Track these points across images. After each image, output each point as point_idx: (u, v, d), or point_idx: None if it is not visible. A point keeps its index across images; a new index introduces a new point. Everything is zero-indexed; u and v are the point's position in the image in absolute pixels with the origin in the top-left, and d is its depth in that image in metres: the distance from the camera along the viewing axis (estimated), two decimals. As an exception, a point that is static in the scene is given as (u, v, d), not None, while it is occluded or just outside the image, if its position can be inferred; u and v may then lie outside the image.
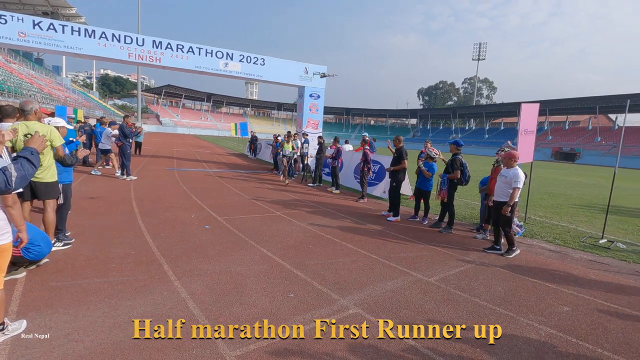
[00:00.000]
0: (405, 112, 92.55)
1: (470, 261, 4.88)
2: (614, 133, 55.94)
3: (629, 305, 3.75)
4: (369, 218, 7.17)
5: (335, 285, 3.77)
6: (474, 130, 76.32)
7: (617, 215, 8.85)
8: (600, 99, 53.86)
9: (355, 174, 11.15)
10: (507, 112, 69.03)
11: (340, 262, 4.48)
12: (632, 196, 13.41)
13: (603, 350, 2.86)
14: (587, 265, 5.00)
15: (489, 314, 3.36)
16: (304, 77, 15.07)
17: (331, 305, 3.31)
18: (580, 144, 56.34)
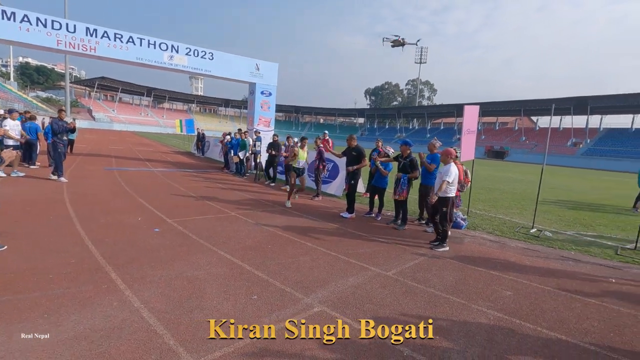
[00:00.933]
0: (354, 112, 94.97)
1: (423, 254, 5.16)
2: (535, 133, 62.54)
3: (558, 287, 4.22)
4: (325, 216, 7.24)
5: (297, 284, 3.75)
6: (417, 129, 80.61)
7: (543, 206, 9.92)
8: (524, 102, 59.86)
9: (309, 172, 11.19)
10: (446, 113, 73.87)
11: (301, 261, 4.47)
12: (553, 189, 15.11)
13: (542, 329, 3.19)
14: (522, 253, 5.54)
15: (444, 303, 3.58)
16: (255, 74, 14.75)
17: (296, 305, 3.29)
18: (509, 143, 62.14)
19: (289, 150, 10.30)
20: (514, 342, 2.94)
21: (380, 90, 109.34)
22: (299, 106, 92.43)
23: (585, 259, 5.41)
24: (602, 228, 7.71)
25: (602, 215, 9.49)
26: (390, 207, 7.77)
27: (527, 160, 51.44)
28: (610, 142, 51.91)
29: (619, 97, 49.47)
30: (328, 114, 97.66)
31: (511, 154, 57.74)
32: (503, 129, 70.12)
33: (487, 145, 62.05)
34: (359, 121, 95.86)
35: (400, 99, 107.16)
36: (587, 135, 55.04)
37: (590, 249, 5.93)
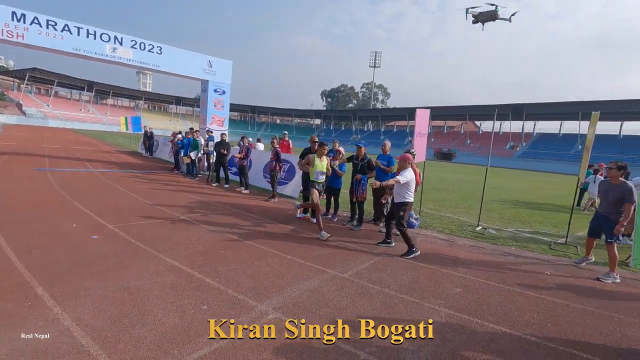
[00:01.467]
0: (310, 113, 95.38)
1: (379, 254, 5.22)
2: (479, 137, 67.12)
3: (502, 281, 4.47)
4: (281, 218, 7.10)
5: (251, 291, 3.59)
6: (372, 131, 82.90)
7: (487, 205, 10.59)
8: (469, 107, 63.99)
9: (265, 173, 10.96)
10: (399, 116, 76.79)
11: (256, 266, 4.31)
12: (495, 189, 16.24)
13: (489, 323, 3.34)
14: (470, 250, 5.83)
15: (399, 303, 3.62)
16: (208, 71, 14.18)
17: (249, 313, 3.14)
18: (455, 145, 66.02)
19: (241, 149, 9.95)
20: (464, 338, 3.04)
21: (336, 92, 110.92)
22: (255, 106, 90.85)
23: (524, 254, 5.82)
24: (538, 225, 8.38)
25: (538, 212, 10.35)
26: (345, 207, 7.81)
27: (472, 161, 54.96)
28: (542, 145, 57.14)
29: (549, 105, 54.84)
30: (285, 114, 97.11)
31: (458, 156, 61.36)
32: (450, 132, 74.32)
33: (436, 148, 65.37)
34: (316, 122, 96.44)
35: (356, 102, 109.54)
36: (522, 139, 60.11)
37: (528, 244, 6.39)
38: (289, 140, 11.78)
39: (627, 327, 3.49)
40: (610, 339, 3.24)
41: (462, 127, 72.55)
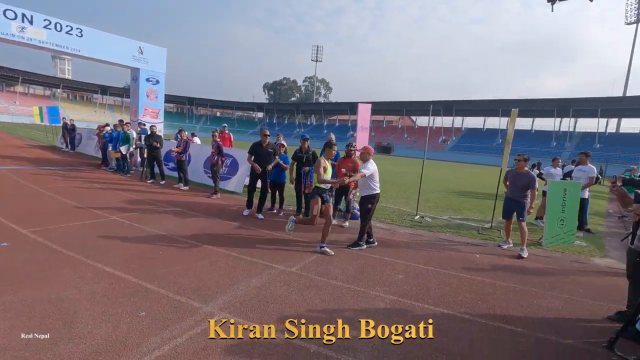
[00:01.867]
0: (252, 105, 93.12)
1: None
2: (415, 131, 71.30)
3: (439, 266, 4.81)
4: (225, 214, 6.85)
5: (195, 292, 3.41)
6: (315, 125, 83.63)
7: (424, 195, 11.29)
8: (405, 103, 67.58)
9: (205, 168, 10.47)
10: (341, 110, 78.39)
11: (199, 266, 4.10)
12: (430, 180, 17.41)
13: (429, 306, 3.57)
14: (410, 238, 6.18)
15: (346, 293, 3.71)
16: (139, 58, 13.06)
17: (193, 315, 2.98)
18: (394, 139, 69.39)
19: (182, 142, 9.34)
20: (407, 322, 3.20)
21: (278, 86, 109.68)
22: (193, 97, 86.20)
23: (457, 239, 6.33)
24: (467, 212, 9.16)
25: (467, 200, 11.31)
26: (291, 202, 7.78)
27: (409, 154, 58.23)
28: (469, 139, 62.47)
29: (475, 103, 60.17)
30: (225, 107, 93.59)
31: (396, 149, 64.58)
32: (389, 126, 77.85)
33: (376, 142, 68.08)
34: (258, 115, 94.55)
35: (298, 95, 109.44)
36: (453, 133, 65.13)
37: (459, 230, 6.95)
38: (230, 134, 11.36)
39: (541, 299, 3.97)
40: (529, 310, 3.66)
41: (399, 122, 76.34)
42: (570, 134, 53.75)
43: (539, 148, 48.89)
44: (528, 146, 49.57)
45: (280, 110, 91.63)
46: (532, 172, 5.85)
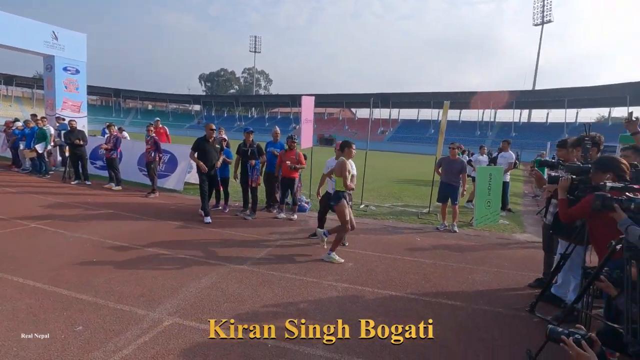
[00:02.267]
0: (188, 98, 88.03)
1: (275, 240, 5.26)
2: (355, 123, 73.37)
3: (385, 251, 5.07)
4: (166, 214, 6.45)
5: (139, 299, 3.19)
6: (256, 118, 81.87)
7: (367, 185, 11.73)
8: (345, 96, 69.15)
9: (140, 166, 9.73)
10: (283, 102, 77.61)
11: (141, 271, 3.83)
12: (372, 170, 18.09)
13: (378, 290, 3.76)
14: (357, 227, 6.37)
15: (299, 285, 3.74)
16: (53, 45, 11.57)
17: (139, 324, 2.79)
18: (335, 131, 70.67)
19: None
20: (359, 307, 3.35)
21: (216, 77, 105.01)
22: (120, 89, 78.99)
23: (399, 225, 6.70)
24: (408, 199, 9.73)
25: (406, 188, 12.00)
26: (236, 197, 7.58)
27: (350, 146, 59.87)
28: (405, 130, 66.01)
29: (409, 95, 63.65)
30: (158, 99, 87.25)
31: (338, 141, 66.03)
32: (330, 119, 79.09)
33: (319, 134, 68.86)
34: (195, 108, 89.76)
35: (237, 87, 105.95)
36: (390, 124, 68.27)
37: (401, 217, 7.37)
38: (165, 128, 10.65)
39: (475, 274, 4.39)
40: (465, 285, 4.03)
41: (340, 114, 77.92)
42: (491, 124, 59.44)
43: (465, 137, 53.36)
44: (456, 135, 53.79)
45: (218, 103, 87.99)
46: (462, 159, 6.48)
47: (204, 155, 6.16)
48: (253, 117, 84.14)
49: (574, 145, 3.51)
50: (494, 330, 3.10)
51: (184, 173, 9.12)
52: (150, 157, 8.00)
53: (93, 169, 10.26)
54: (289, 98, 72.85)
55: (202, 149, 6.18)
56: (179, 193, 8.60)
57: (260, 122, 77.00)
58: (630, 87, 44.07)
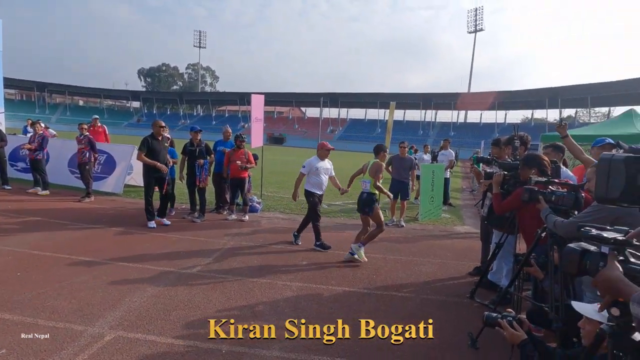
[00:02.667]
0: (126, 94, 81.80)
1: (226, 242, 5.11)
2: (305, 122, 73.70)
3: (337, 248, 5.14)
4: (103, 220, 5.95)
5: (75, 314, 2.91)
6: (202, 116, 78.67)
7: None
8: (295, 95, 69.17)
9: (71, 168, 8.86)
10: (230, 100, 75.42)
11: (76, 283, 3.50)
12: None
13: (332, 286, 3.82)
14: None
15: (253, 287, 3.68)
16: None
17: (76, 341, 2.55)
18: (285, 130, 70.45)
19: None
20: (315, 305, 3.38)
21: (157, 72, 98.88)
22: (45, 82, 71.09)
23: (351, 222, 6.88)
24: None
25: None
26: (182, 199, 7.23)
27: (301, 145, 60.00)
28: (354, 129, 67.74)
29: (357, 95, 65.54)
30: (91, 94, 79.96)
31: (288, 139, 65.79)
32: (280, 117, 78.60)
33: (268, 133, 68.10)
34: (134, 105, 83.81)
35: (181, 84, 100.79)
36: (339, 124, 69.62)
37: (352, 214, 7.55)
38: (104, 127, 9.84)
39: (421, 266, 4.65)
40: (413, 277, 4.26)
41: (290, 113, 77.78)
42: (433, 123, 63.24)
43: (409, 136, 56.19)
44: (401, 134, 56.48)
45: (160, 100, 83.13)
46: (410, 156, 6.86)
47: (154, 155, 5.61)
48: (199, 115, 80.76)
49: (506, 144, 3.86)
50: (440, 317, 3.30)
51: (124, 174, 8.48)
52: (84, 158, 7.32)
53: (14, 171, 9.13)
54: (237, 96, 71.02)
55: (153, 149, 5.62)
56: (119, 196, 7.99)
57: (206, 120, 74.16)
58: (547, 92, 49.63)
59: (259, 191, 8.62)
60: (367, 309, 3.34)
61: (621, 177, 0.92)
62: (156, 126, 5.89)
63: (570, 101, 50.67)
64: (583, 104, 51.66)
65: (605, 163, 0.96)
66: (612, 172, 0.94)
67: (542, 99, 50.99)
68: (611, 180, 0.94)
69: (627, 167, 0.92)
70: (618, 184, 0.92)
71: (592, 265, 1.11)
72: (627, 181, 0.91)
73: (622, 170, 0.92)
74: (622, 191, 0.92)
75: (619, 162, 0.94)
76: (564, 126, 3.78)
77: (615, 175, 0.93)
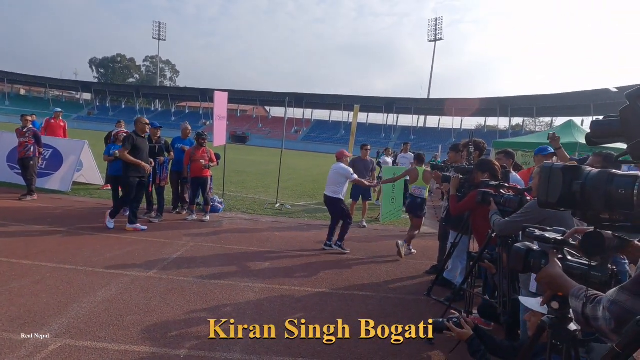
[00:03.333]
0: (76, 84, 76.10)
1: (185, 243, 4.94)
2: (269, 121, 72.93)
3: (301, 249, 5.17)
4: (47, 219, 5.50)
5: (15, 322, 2.67)
6: (161, 111, 75.22)
7: (282, 184, 11.78)
8: (260, 93, 68.25)
9: (10, 163, 8.11)
10: (191, 96, 72.83)
11: (16, 288, 3.21)
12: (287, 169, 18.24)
13: (295, 287, 3.82)
14: (272, 226, 6.39)
15: (214, 289, 3.59)
16: None
17: (16, 352, 2.34)
18: (249, 129, 69.27)
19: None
20: (278, 306, 3.37)
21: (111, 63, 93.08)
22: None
23: (314, 223, 6.91)
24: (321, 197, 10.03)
25: (320, 187, 12.36)
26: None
27: (265, 144, 59.35)
28: (318, 130, 68.12)
29: (322, 97, 65.92)
30: (34, 83, 73.54)
31: (251, 139, 64.77)
32: (244, 116, 77.17)
33: (231, 131, 66.53)
34: (85, 97, 78.27)
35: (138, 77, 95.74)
36: (304, 124, 69.68)
37: (315, 214, 7.61)
38: (65, 122, 9.13)
39: (382, 265, 4.79)
40: (374, 277, 4.37)
41: (254, 112, 76.64)
42: (394, 127, 65.22)
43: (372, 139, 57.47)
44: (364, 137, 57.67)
45: (115, 93, 78.30)
46: (370, 158, 7.07)
47: (138, 153, 5.27)
48: (157, 110, 77.15)
49: (463, 148, 4.08)
50: (399, 314, 3.43)
51: (72, 171, 7.90)
52: (27, 153, 6.73)
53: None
54: (198, 92, 68.85)
55: (136, 146, 5.26)
56: (66, 194, 7.43)
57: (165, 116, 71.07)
58: (498, 102, 53.08)
59: (221, 191, 8.42)
60: (330, 309, 3.39)
61: (559, 184, 1.02)
62: (141, 123, 5.46)
63: (518, 110, 54.59)
64: (530, 114, 55.89)
65: (547, 171, 1.06)
66: (552, 179, 1.03)
67: (494, 108, 54.39)
68: (551, 186, 1.04)
69: (565, 175, 1.02)
70: (557, 190, 1.02)
71: (535, 263, 1.21)
72: (563, 188, 1.01)
73: (560, 178, 1.02)
74: (559, 197, 1.02)
75: (558, 170, 1.04)
76: (556, 139, 3.69)
77: (555, 182, 1.03)
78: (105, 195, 7.37)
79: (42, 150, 7.15)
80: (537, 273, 1.21)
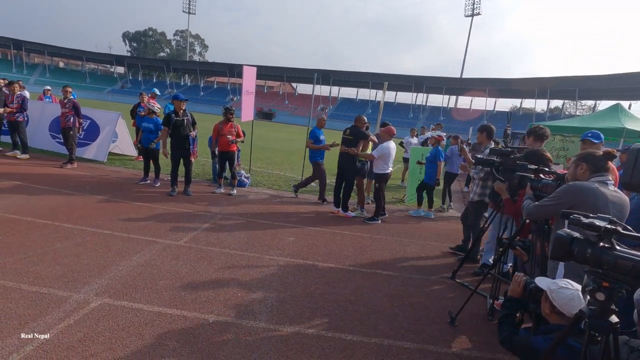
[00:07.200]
0: (110, 58, 78.24)
1: (213, 215, 5.09)
2: (295, 98, 72.50)
3: (325, 226, 5.21)
4: (87, 187, 5.82)
5: (59, 280, 2.88)
6: (190, 86, 76.36)
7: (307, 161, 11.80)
8: (286, 69, 67.60)
9: (52, 132, 8.55)
10: (219, 71, 73.19)
11: (60, 249, 3.45)
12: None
13: (318, 262, 3.88)
14: (297, 202, 6.46)
15: (240, 260, 3.71)
16: None
17: (61, 306, 2.54)
18: (275, 105, 69.27)
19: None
20: (301, 280, 3.44)
21: (143, 37, 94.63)
22: (22, 40, 67.19)
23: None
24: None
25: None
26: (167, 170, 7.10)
27: (290, 121, 59.36)
28: (344, 108, 67.15)
29: (349, 74, 64.44)
30: (72, 56, 76.16)
31: (277, 115, 64.86)
32: (270, 92, 77.08)
33: (258, 107, 66.86)
34: (119, 70, 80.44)
35: (169, 51, 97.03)
36: (330, 102, 68.82)
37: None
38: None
39: (405, 246, 4.76)
40: (396, 257, 4.36)
41: (280, 88, 76.33)
42: (423, 107, 63.22)
43: (399, 119, 56.17)
44: (391, 117, 56.36)
45: (147, 67, 79.96)
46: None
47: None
48: (186, 84, 78.40)
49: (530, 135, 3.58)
50: (422, 295, 3.42)
51: (108, 142, 8.24)
52: (68, 123, 7.05)
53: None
54: (226, 67, 69.03)
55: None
56: (102, 164, 7.78)
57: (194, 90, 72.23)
58: (536, 82, 49.99)
59: (248, 166, 8.54)
60: (353, 286, 3.42)
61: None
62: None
63: (558, 92, 51.20)
64: (571, 96, 52.39)
65: (635, 153, 0.98)
66: (639, 162, 0.96)
67: (532, 89, 51.35)
68: (637, 168, 0.96)
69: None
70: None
71: (579, 251, 1.15)
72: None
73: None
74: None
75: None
76: None
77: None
78: (139, 166, 7.66)
79: (81, 120, 7.46)
80: (580, 262, 1.15)
